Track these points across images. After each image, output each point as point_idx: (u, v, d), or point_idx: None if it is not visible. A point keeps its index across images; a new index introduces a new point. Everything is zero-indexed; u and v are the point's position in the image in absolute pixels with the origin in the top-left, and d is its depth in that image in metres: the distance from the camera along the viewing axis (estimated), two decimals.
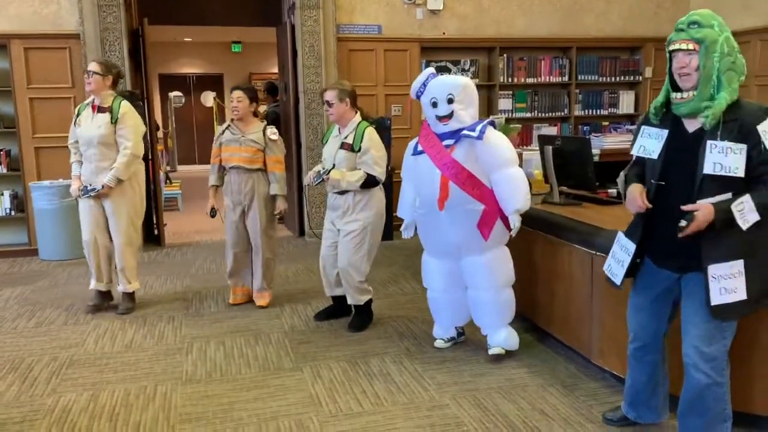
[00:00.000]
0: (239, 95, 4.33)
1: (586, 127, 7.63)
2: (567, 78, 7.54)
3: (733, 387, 2.51)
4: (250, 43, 14.11)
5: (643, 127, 2.54)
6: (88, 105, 4.42)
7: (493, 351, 3.60)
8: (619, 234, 2.68)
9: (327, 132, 4.22)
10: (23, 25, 6.04)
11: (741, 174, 2.25)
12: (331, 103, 3.96)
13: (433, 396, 3.20)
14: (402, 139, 6.96)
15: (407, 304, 4.65)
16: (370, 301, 4.18)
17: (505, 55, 7.30)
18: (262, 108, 8.90)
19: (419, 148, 3.54)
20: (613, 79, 7.68)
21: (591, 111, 7.71)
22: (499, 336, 3.60)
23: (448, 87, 3.41)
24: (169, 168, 12.84)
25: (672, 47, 2.35)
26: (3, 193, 6.25)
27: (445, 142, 3.42)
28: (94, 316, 4.49)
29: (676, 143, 2.42)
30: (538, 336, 3.91)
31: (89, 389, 3.35)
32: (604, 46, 7.59)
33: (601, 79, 7.64)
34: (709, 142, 2.29)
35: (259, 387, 3.35)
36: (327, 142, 4.13)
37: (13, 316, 4.55)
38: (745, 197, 2.26)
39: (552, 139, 4.23)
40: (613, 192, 4.21)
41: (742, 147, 2.25)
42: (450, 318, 3.79)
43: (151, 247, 6.67)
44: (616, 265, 2.67)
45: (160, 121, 13.06)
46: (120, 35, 6.07)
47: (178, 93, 14.69)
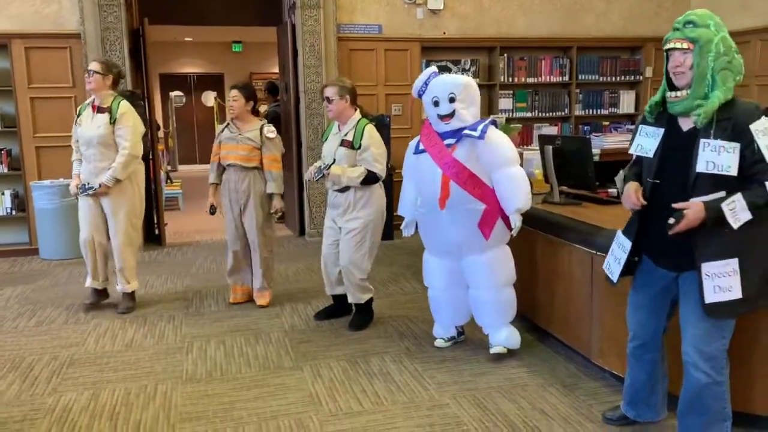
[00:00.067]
0: (235, 94, 4.36)
1: (586, 127, 7.63)
2: (567, 78, 7.54)
3: (733, 387, 2.51)
4: (250, 43, 14.11)
5: (641, 126, 2.56)
6: (88, 105, 4.43)
7: (494, 350, 3.61)
8: (618, 232, 2.69)
9: (327, 129, 4.22)
10: (24, 24, 6.05)
11: (734, 173, 2.26)
12: (331, 100, 3.96)
13: (433, 395, 3.20)
14: (402, 139, 6.96)
15: (407, 304, 4.65)
16: (370, 300, 4.18)
17: (505, 54, 7.30)
18: (263, 108, 8.91)
19: (421, 147, 3.54)
20: (613, 78, 7.69)
21: (591, 111, 7.71)
22: (501, 335, 3.60)
23: (449, 86, 3.41)
24: (169, 167, 12.85)
25: (667, 46, 2.38)
26: (4, 193, 6.26)
27: (447, 141, 3.42)
28: (95, 315, 4.49)
29: (672, 142, 2.44)
30: (538, 336, 3.92)
31: (90, 388, 3.36)
32: (604, 45, 7.59)
33: (601, 78, 7.65)
34: (702, 140, 2.30)
35: (260, 386, 3.35)
36: (327, 140, 4.13)
37: (13, 315, 4.56)
38: (737, 196, 2.26)
39: (552, 138, 4.23)
40: (613, 192, 4.21)
41: (736, 146, 2.26)
42: (450, 317, 3.79)
43: (152, 246, 6.67)
44: (613, 262, 2.68)
45: (160, 121, 13.06)
46: (121, 35, 6.08)
47: (178, 93, 14.69)
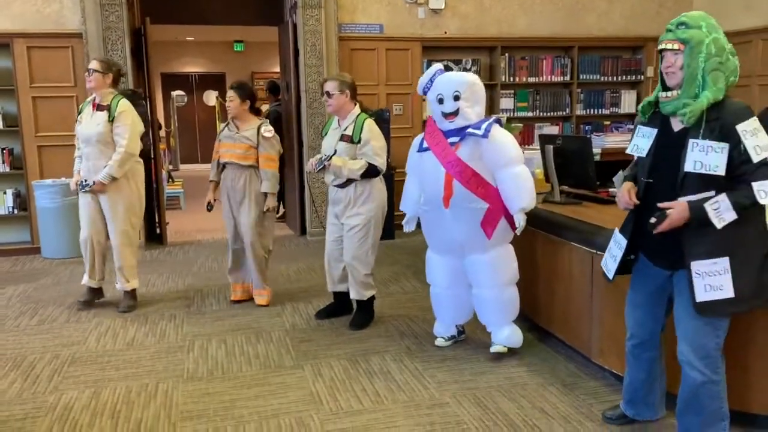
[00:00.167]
0: (231, 95, 4.39)
1: (587, 127, 7.63)
2: (569, 77, 7.54)
3: (731, 386, 2.52)
4: (252, 43, 14.13)
5: (638, 126, 2.59)
6: (89, 102, 4.45)
7: (494, 349, 3.61)
8: (615, 230, 2.71)
9: (326, 124, 4.23)
10: (26, 24, 6.06)
11: (721, 172, 2.27)
12: (331, 94, 3.95)
13: (433, 394, 3.21)
14: (403, 138, 6.97)
15: (408, 303, 4.66)
16: (372, 298, 4.19)
17: (506, 54, 7.31)
18: (265, 107, 8.91)
19: (424, 145, 3.53)
20: (614, 78, 7.69)
21: (593, 110, 7.72)
22: (502, 334, 3.60)
23: (454, 84, 3.40)
24: (171, 167, 12.86)
25: (660, 47, 2.41)
26: (6, 192, 6.27)
27: (450, 140, 3.41)
28: (96, 314, 4.50)
29: (664, 141, 2.46)
30: (539, 335, 3.92)
31: (91, 387, 3.37)
32: (605, 45, 7.60)
33: (602, 78, 7.65)
34: (691, 140, 2.32)
35: (260, 385, 3.36)
36: (326, 135, 4.13)
37: (15, 314, 4.57)
38: (721, 196, 2.27)
39: (553, 138, 4.24)
40: (614, 191, 4.21)
41: (724, 146, 2.27)
42: (452, 315, 3.79)
43: (154, 245, 6.68)
44: (610, 260, 2.70)
45: (162, 120, 13.08)
46: (122, 34, 6.09)
47: (180, 92, 14.71)
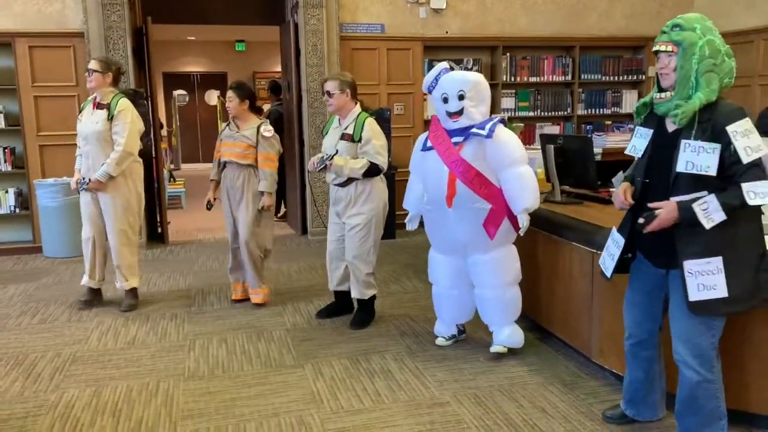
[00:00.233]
0: (230, 95, 4.40)
1: (589, 126, 7.63)
2: (570, 77, 7.54)
3: (730, 386, 2.52)
4: (253, 42, 14.14)
5: (637, 127, 2.61)
6: (90, 101, 4.47)
7: (494, 349, 3.61)
8: (613, 229, 2.72)
9: (327, 123, 4.23)
10: (27, 23, 6.07)
11: (712, 173, 2.28)
12: (331, 94, 3.96)
13: (433, 394, 3.21)
14: (404, 138, 6.99)
15: (409, 303, 4.66)
16: (373, 297, 4.19)
17: (508, 54, 7.30)
18: (266, 107, 8.92)
19: (428, 144, 3.53)
20: (616, 78, 7.68)
21: (594, 110, 7.71)
22: (503, 334, 3.60)
23: (459, 83, 3.39)
24: (173, 166, 12.88)
25: (654, 48, 2.44)
26: (7, 191, 6.28)
27: (454, 139, 3.40)
28: (98, 313, 4.51)
29: (659, 142, 2.48)
30: (539, 335, 3.92)
31: (92, 385, 3.38)
32: (607, 45, 7.59)
33: (604, 78, 7.65)
34: (683, 141, 2.34)
35: (261, 384, 3.36)
36: (327, 134, 4.13)
37: (17, 312, 4.58)
38: (710, 197, 2.28)
39: (554, 137, 4.24)
40: (614, 191, 4.21)
41: (716, 147, 2.28)
42: (453, 315, 3.78)
43: (155, 244, 6.69)
44: (608, 258, 2.72)
45: (164, 120, 13.09)
46: (124, 34, 6.11)
47: (182, 91, 14.72)
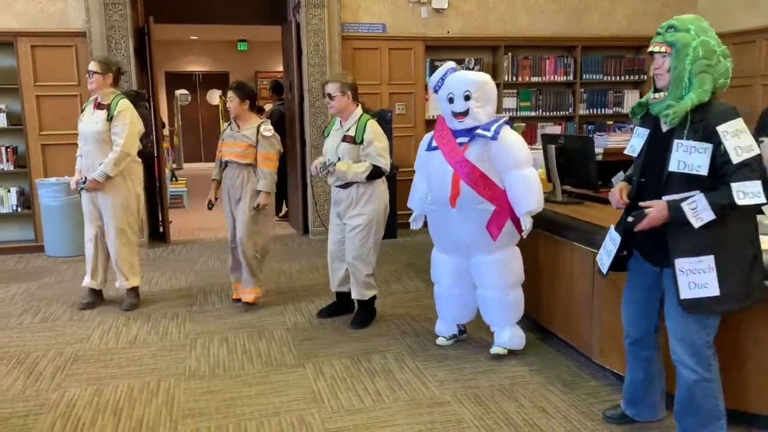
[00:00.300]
0: (230, 95, 4.38)
1: (590, 126, 7.63)
2: (572, 77, 7.53)
3: (729, 386, 2.53)
4: (255, 42, 14.14)
5: (636, 127, 2.64)
6: (91, 101, 4.48)
7: (494, 350, 3.61)
8: (611, 227, 2.74)
9: (328, 125, 4.23)
10: (30, 22, 6.08)
11: (704, 172, 2.30)
12: (332, 96, 3.96)
13: (434, 393, 3.22)
14: (406, 138, 6.99)
15: (410, 302, 4.66)
16: (373, 297, 4.19)
17: (509, 53, 7.30)
18: (268, 106, 8.93)
19: (433, 144, 3.52)
20: (617, 78, 7.68)
21: (595, 110, 7.71)
22: (504, 335, 3.61)
23: (465, 83, 3.38)
24: (175, 165, 12.89)
25: (649, 49, 2.46)
26: (10, 190, 6.30)
27: (459, 140, 3.39)
28: (99, 312, 4.52)
29: (655, 141, 2.51)
30: (540, 334, 3.92)
31: (93, 384, 3.39)
32: (608, 45, 7.58)
33: (605, 78, 7.64)
34: (676, 140, 2.36)
35: (262, 383, 3.37)
36: (329, 136, 4.14)
37: (19, 311, 4.59)
38: (699, 196, 2.30)
39: (555, 137, 4.24)
40: None
41: (708, 146, 2.30)
42: (454, 315, 3.78)
43: (157, 244, 6.70)
44: (605, 255, 2.74)
45: (166, 119, 13.10)
46: (126, 33, 6.11)
47: (184, 91, 14.73)
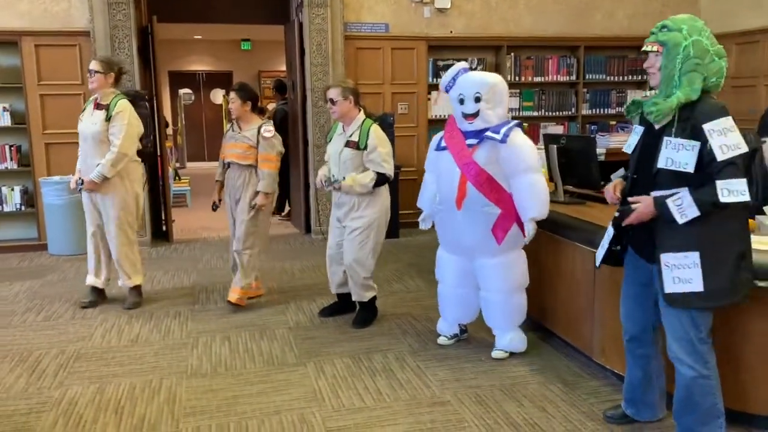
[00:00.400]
0: (232, 96, 4.38)
1: (593, 127, 7.62)
2: (574, 77, 7.53)
3: (729, 386, 2.53)
4: (259, 41, 14.15)
5: (634, 125, 2.67)
6: (92, 101, 4.49)
7: (495, 354, 3.62)
8: (610, 222, 2.76)
9: (331, 130, 4.23)
10: (34, 22, 6.10)
11: (690, 170, 2.33)
12: (334, 101, 3.96)
13: (434, 393, 3.22)
14: (408, 138, 7.00)
15: (411, 302, 4.67)
16: (374, 297, 4.20)
17: (512, 53, 7.30)
18: (272, 106, 8.95)
19: (443, 144, 3.52)
20: (620, 78, 7.68)
21: (598, 110, 7.70)
22: (505, 338, 3.61)
23: (476, 85, 3.36)
24: (178, 164, 12.91)
25: (642, 48, 2.49)
26: (13, 189, 6.32)
27: (468, 141, 3.39)
28: (102, 310, 4.53)
29: (648, 139, 2.54)
30: (541, 334, 3.92)
31: (96, 382, 3.40)
32: (611, 45, 7.57)
33: (608, 78, 7.64)
34: (665, 138, 2.40)
35: (263, 382, 3.38)
36: (331, 141, 4.14)
37: (22, 309, 4.61)
38: (684, 193, 2.33)
39: (557, 137, 4.25)
40: None
41: (695, 144, 2.32)
42: (456, 314, 3.79)
43: (159, 242, 6.72)
44: (601, 248, 2.77)
45: (169, 118, 13.13)
46: (129, 33, 6.13)
47: (187, 90, 14.76)
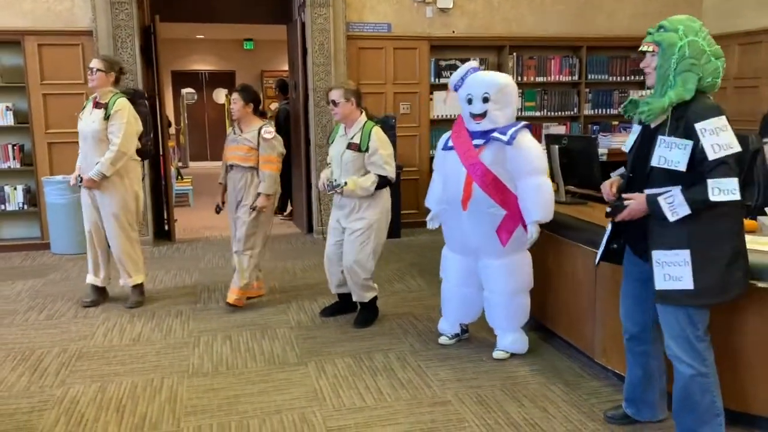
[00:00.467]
0: (234, 97, 4.37)
1: (595, 127, 7.61)
2: (577, 77, 7.52)
3: (730, 387, 2.53)
4: (262, 41, 14.16)
5: (633, 124, 2.69)
6: (91, 100, 4.49)
7: (496, 354, 3.62)
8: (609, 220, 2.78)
9: (333, 132, 4.24)
10: (37, 21, 6.12)
11: (682, 168, 2.34)
12: (336, 103, 3.96)
13: (435, 392, 3.23)
14: (410, 138, 7.00)
15: (413, 302, 4.67)
16: (375, 297, 4.20)
17: (514, 53, 7.29)
18: (274, 105, 8.95)
19: (450, 144, 3.52)
20: (622, 78, 7.67)
21: (601, 110, 7.69)
22: (507, 339, 3.61)
23: (485, 85, 3.35)
24: (180, 164, 12.94)
25: (639, 48, 2.51)
26: (16, 188, 6.33)
27: (475, 142, 3.38)
28: (104, 309, 4.54)
29: (644, 138, 2.56)
30: (542, 334, 3.92)
31: (97, 381, 3.41)
32: (614, 45, 7.56)
33: (611, 78, 7.63)
34: (659, 137, 2.42)
35: (264, 381, 3.39)
36: (333, 142, 4.14)
37: (24, 308, 4.62)
38: (675, 191, 2.35)
39: (558, 138, 4.25)
40: None
41: (688, 143, 2.34)
42: (457, 313, 3.79)
43: (162, 242, 6.73)
44: (601, 246, 2.79)
45: (172, 118, 13.14)
46: (132, 32, 6.14)
47: (190, 90, 14.78)
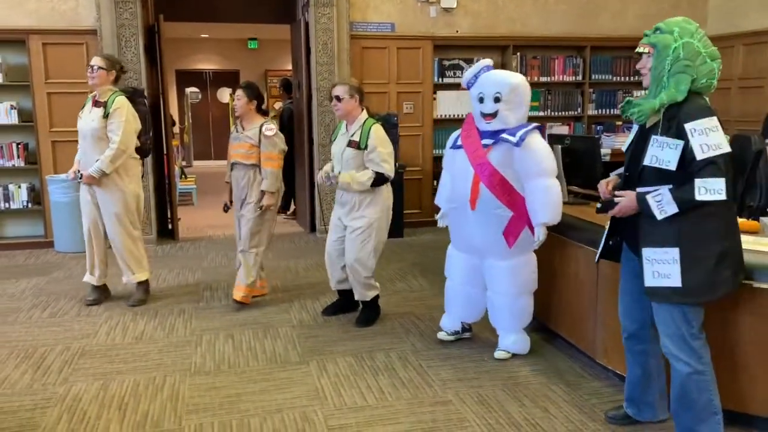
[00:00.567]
0: (238, 94, 4.37)
1: (599, 127, 7.60)
2: (581, 77, 7.51)
3: (729, 388, 2.53)
4: (266, 40, 14.18)
5: (633, 124, 2.71)
6: (91, 98, 4.51)
7: (497, 354, 3.62)
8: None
9: (335, 129, 4.25)
10: (41, 20, 6.14)
11: (672, 168, 2.37)
12: (341, 98, 3.97)
13: (436, 392, 3.23)
14: (413, 137, 7.00)
15: (414, 301, 4.67)
16: (377, 296, 4.21)
17: (518, 53, 7.28)
18: (278, 104, 8.97)
19: (459, 143, 3.52)
20: (626, 78, 7.64)
21: (604, 110, 7.68)
22: (508, 339, 3.61)
23: (497, 84, 3.34)
24: (184, 163, 12.96)
25: (636, 50, 2.55)
26: (20, 186, 6.36)
27: (485, 141, 3.38)
28: (107, 308, 4.56)
29: (640, 138, 2.59)
30: (544, 334, 3.92)
31: (100, 379, 3.42)
32: (618, 45, 7.53)
33: (614, 78, 7.62)
34: (653, 136, 2.45)
35: (266, 380, 3.40)
36: (335, 140, 4.15)
37: (28, 306, 4.64)
38: (664, 189, 2.38)
39: (561, 138, 4.25)
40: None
41: (679, 143, 2.37)
42: (460, 312, 3.79)
43: (165, 240, 6.75)
44: (600, 243, 2.83)
45: (176, 117, 13.17)
46: (136, 31, 6.16)
47: (194, 89, 14.80)
